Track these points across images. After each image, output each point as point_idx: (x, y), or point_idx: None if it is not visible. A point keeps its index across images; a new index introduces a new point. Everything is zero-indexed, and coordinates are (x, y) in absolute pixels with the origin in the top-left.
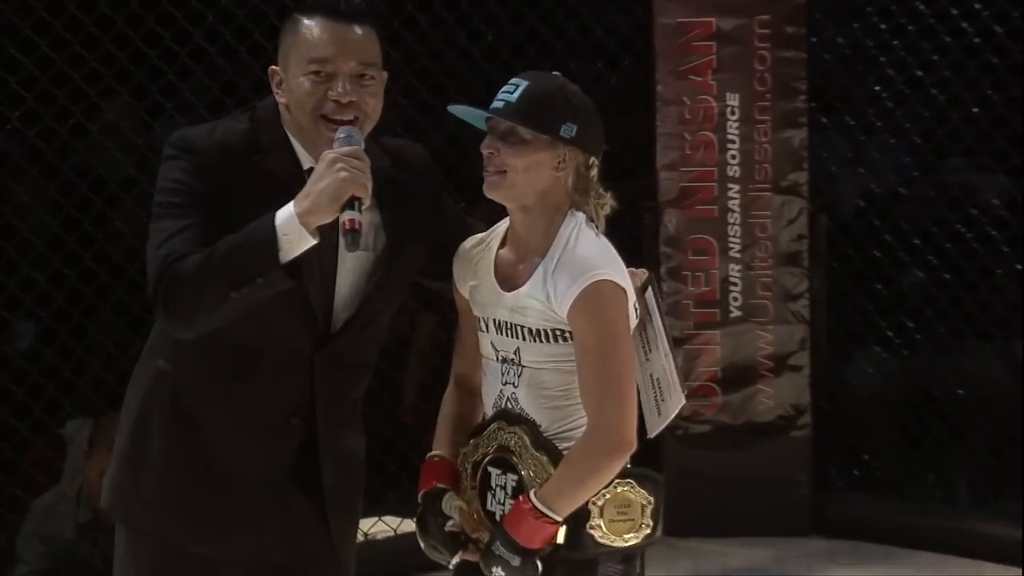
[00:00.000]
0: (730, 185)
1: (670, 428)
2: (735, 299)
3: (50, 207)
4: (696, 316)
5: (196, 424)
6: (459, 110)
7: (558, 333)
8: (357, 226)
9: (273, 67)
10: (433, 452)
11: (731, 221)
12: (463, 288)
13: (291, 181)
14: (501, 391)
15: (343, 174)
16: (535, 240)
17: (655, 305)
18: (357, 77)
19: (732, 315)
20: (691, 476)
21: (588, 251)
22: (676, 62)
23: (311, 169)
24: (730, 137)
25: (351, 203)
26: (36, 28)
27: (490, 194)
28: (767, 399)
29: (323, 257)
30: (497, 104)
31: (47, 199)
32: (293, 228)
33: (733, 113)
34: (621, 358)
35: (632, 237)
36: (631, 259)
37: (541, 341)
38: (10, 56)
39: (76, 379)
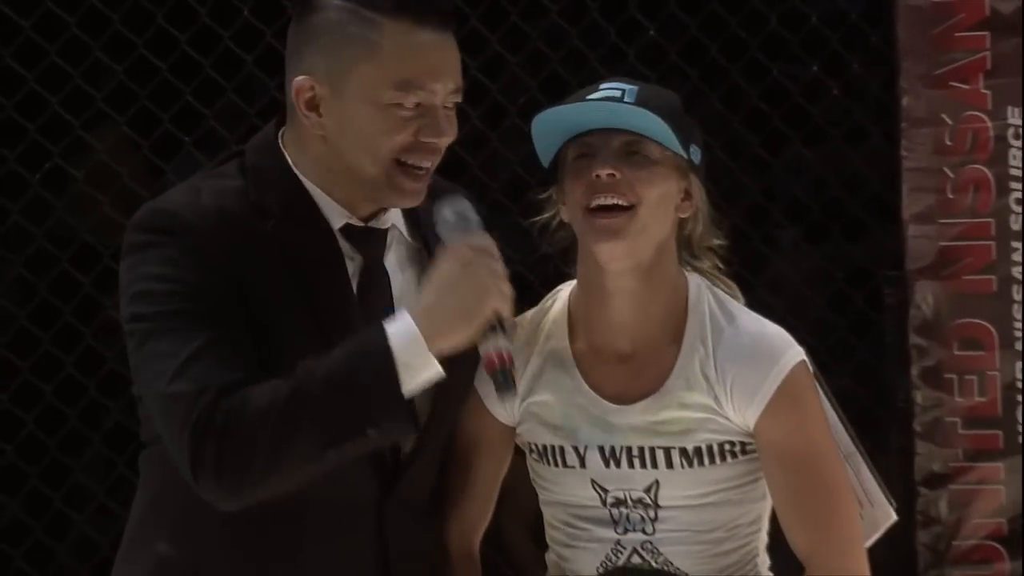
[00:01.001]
0: (1015, 244)
1: None
2: None
3: (16, 290)
4: (967, 441)
5: None
6: (547, 121)
7: (728, 448)
8: (508, 362)
9: (304, 78)
10: None
11: (1017, 298)
12: (502, 407)
13: (322, 254)
14: (618, 543)
15: (488, 283)
16: (654, 320)
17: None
18: (446, 108)
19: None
20: None
21: (756, 325)
22: (929, 63)
23: (348, 227)
24: (1013, 172)
25: (497, 324)
26: None
27: (619, 242)
28: None
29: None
30: (610, 105)
31: (11, 279)
32: (418, 355)
33: (1018, 136)
34: (840, 463)
35: (867, 322)
36: (866, 352)
37: (703, 464)
38: None
39: (54, 544)
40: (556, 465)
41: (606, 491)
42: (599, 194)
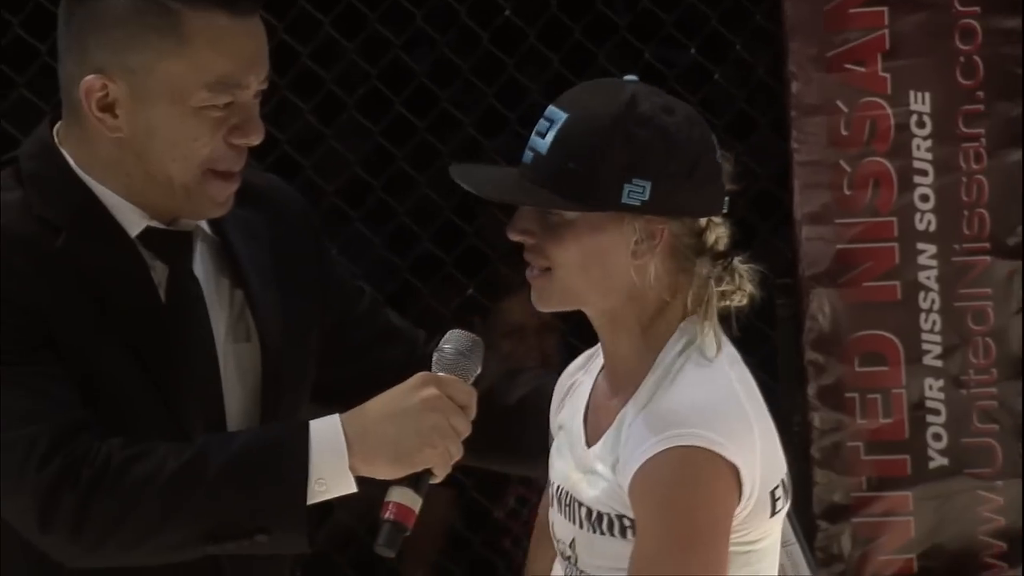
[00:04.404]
0: (921, 246)
1: None
2: (937, 437)
3: None
4: (871, 468)
5: None
6: (462, 174)
7: (628, 524)
8: (403, 523)
9: (94, 77)
10: None
11: (925, 306)
12: (554, 430)
13: (122, 268)
14: None
15: (435, 437)
16: (624, 366)
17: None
18: (255, 97)
19: (933, 464)
20: None
21: (687, 396)
22: (821, 42)
23: (148, 231)
24: (918, 166)
25: (418, 479)
26: None
27: (538, 305)
28: None
29: (195, 348)
30: (526, 156)
31: None
32: (337, 474)
33: (922, 125)
34: None
35: (759, 337)
36: (757, 371)
37: (602, 533)
38: None
39: None
40: (550, 502)
41: (558, 540)
42: (526, 254)
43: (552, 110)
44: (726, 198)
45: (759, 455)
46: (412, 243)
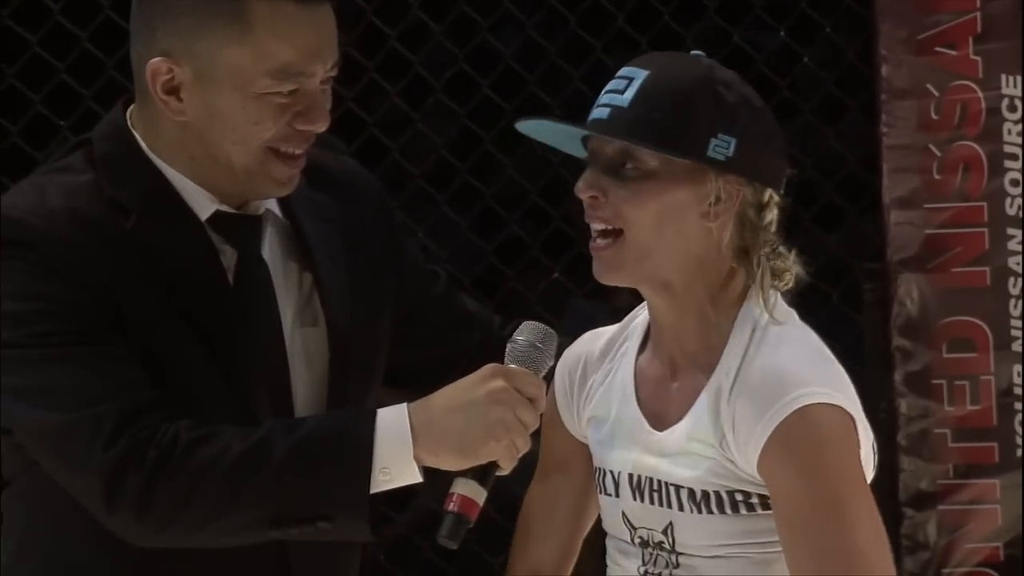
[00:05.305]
0: (1011, 231)
1: None
2: None
3: None
4: (958, 455)
5: None
6: (535, 127)
7: (740, 499)
8: (467, 515)
9: (160, 60)
10: None
11: (1014, 292)
12: (573, 420)
13: (191, 251)
14: None
15: (500, 431)
16: (693, 342)
17: None
18: (323, 84)
19: (1021, 452)
20: None
21: (787, 357)
22: (912, 25)
23: (217, 216)
24: (1009, 150)
25: (484, 471)
26: None
27: (605, 276)
28: None
29: (263, 332)
30: (599, 113)
31: None
32: (401, 464)
33: (1013, 108)
34: (870, 531)
35: (844, 322)
36: (843, 357)
37: (712, 512)
38: None
39: None
40: (603, 492)
41: (634, 528)
42: (588, 214)
43: (629, 69)
44: (784, 180)
45: (860, 407)
46: (498, 227)
